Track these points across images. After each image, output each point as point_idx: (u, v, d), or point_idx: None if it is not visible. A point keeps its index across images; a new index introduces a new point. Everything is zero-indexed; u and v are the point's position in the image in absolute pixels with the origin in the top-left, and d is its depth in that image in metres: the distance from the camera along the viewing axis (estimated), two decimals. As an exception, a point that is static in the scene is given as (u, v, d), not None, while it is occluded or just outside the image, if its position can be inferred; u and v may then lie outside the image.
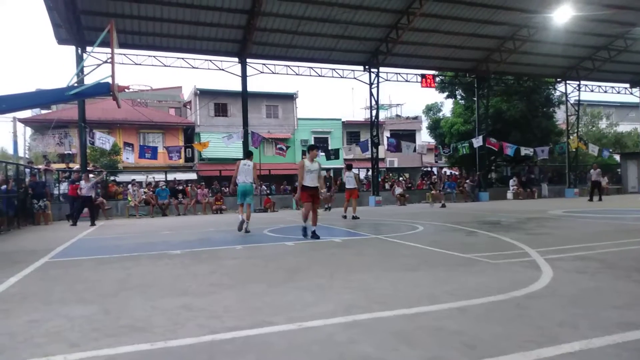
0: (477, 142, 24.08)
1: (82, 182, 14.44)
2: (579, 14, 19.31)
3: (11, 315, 3.82)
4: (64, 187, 19.20)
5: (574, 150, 27.47)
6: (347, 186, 13.94)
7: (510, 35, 22.11)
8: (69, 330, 3.35)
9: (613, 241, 4.29)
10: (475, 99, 26.11)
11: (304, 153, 8.51)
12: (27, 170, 16.66)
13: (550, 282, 4.43)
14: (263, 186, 22.87)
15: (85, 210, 14.64)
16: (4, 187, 13.50)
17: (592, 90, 28.18)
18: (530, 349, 2.69)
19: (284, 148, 22.93)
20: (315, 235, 8.43)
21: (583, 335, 2.90)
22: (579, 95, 27.62)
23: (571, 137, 27.57)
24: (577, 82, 27.10)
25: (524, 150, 25.32)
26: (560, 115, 31.52)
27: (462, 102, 31.05)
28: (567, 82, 27.08)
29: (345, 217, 13.68)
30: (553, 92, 30.01)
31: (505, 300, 3.83)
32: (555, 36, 21.94)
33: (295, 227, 11.25)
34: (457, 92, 31.08)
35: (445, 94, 31.43)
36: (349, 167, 14.33)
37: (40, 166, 19.62)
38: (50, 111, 32.96)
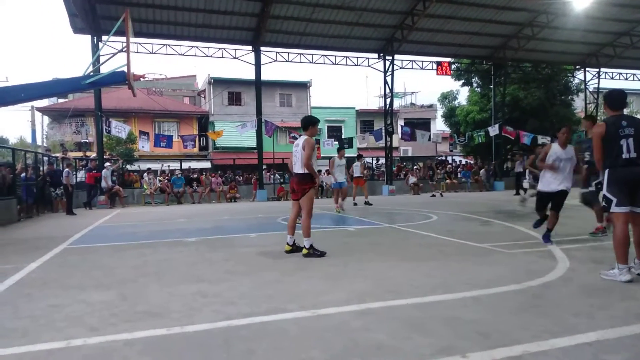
0: (493, 130, 23.73)
1: (67, 170, 14.59)
2: (600, -2, 18.80)
3: (33, 299, 3.93)
4: (80, 175, 19.49)
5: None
6: (354, 175, 14.79)
7: (529, 22, 21.62)
8: (88, 315, 3.43)
9: (631, 231, 4.22)
10: (491, 86, 25.67)
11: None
12: (45, 158, 16.92)
13: (567, 272, 4.39)
14: (277, 174, 22.96)
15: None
16: (23, 175, 13.76)
17: (612, 78, 27.45)
18: (545, 338, 2.68)
19: (297, 137, 22.90)
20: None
21: (599, 326, 2.88)
22: (598, 83, 26.94)
23: (590, 125, 26.99)
24: (597, 70, 26.43)
25: (541, 139, 24.86)
26: (578, 103, 30.85)
27: (478, 90, 30.54)
28: (587, 69, 26.44)
29: (355, 204, 14.19)
30: (572, 79, 29.32)
31: (521, 290, 3.81)
32: (574, 22, 21.36)
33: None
34: (473, 79, 30.55)
35: (461, 81, 30.93)
36: (358, 157, 15.40)
37: (57, 154, 19.92)
38: (67, 100, 33.39)
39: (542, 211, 6.38)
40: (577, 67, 26.93)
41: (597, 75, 26.54)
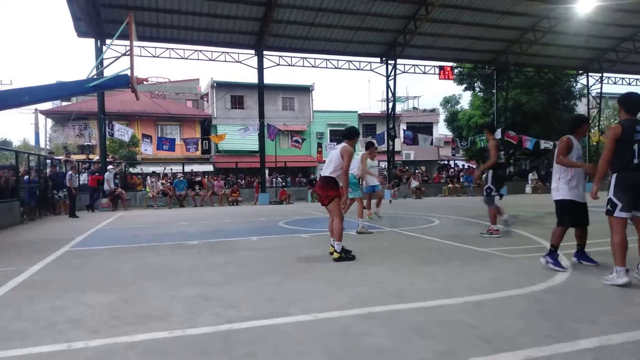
0: (496, 135, 23.71)
1: (71, 172, 14.82)
2: (602, 4, 18.80)
3: (35, 301, 3.93)
4: (83, 177, 19.53)
5: (595, 144, 26.90)
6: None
7: (531, 27, 21.65)
8: (89, 317, 3.43)
9: (636, 236, 4.21)
10: (494, 91, 25.70)
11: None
12: (48, 161, 16.95)
13: (569, 278, 4.37)
14: (279, 178, 22.96)
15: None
16: (26, 177, 13.80)
17: (614, 83, 27.48)
18: (547, 344, 2.66)
19: (300, 140, 22.92)
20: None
21: (602, 331, 2.86)
22: (600, 88, 26.98)
23: (592, 130, 26.99)
24: (600, 74, 26.44)
25: (544, 144, 24.86)
26: (581, 108, 30.88)
27: (481, 94, 30.58)
28: (589, 74, 26.45)
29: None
30: (574, 84, 29.34)
31: (523, 295, 3.79)
32: (577, 27, 21.40)
33: (310, 220, 11.29)
34: (475, 84, 30.62)
35: (464, 86, 30.99)
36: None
37: (60, 157, 19.96)
38: (70, 103, 33.48)
39: (566, 227, 4.94)
40: (580, 71, 26.96)
41: (599, 80, 26.55)
